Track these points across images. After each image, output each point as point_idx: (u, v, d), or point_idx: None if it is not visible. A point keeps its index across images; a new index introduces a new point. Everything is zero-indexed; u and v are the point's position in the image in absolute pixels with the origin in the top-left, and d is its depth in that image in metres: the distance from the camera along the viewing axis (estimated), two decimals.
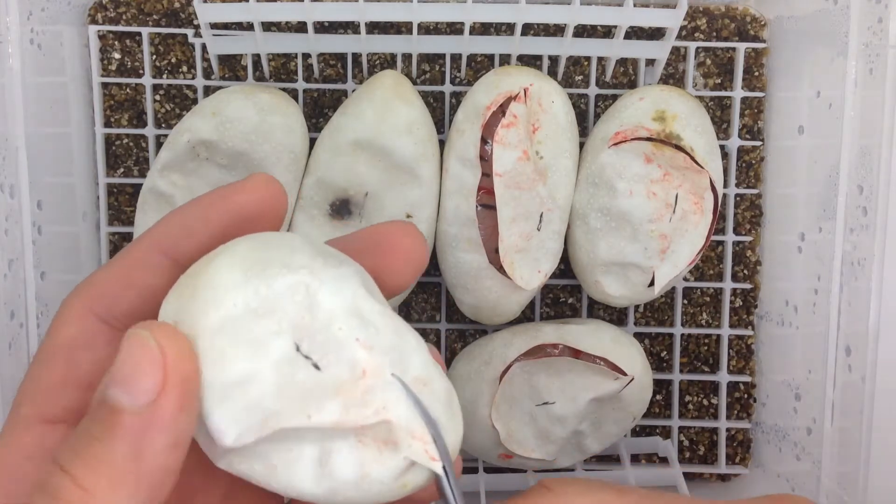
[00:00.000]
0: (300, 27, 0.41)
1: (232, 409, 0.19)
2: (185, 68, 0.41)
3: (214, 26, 0.40)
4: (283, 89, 0.41)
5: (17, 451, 0.21)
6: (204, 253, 0.21)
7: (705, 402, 0.44)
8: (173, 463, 0.18)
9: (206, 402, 0.19)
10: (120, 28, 0.41)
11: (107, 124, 0.41)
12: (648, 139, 0.37)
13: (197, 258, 0.21)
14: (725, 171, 0.42)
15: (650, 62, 0.42)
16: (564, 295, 0.44)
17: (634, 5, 0.37)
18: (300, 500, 0.20)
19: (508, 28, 0.42)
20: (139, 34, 0.41)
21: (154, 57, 0.41)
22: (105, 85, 0.41)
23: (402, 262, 0.22)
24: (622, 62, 0.42)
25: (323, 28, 0.41)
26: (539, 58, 0.42)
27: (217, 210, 0.21)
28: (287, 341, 0.19)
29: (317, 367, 0.19)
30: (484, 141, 0.37)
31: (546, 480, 0.22)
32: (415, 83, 0.42)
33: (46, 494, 0.18)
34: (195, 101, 0.41)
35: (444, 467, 0.20)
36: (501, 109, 0.37)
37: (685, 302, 0.44)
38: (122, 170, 0.42)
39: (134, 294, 0.21)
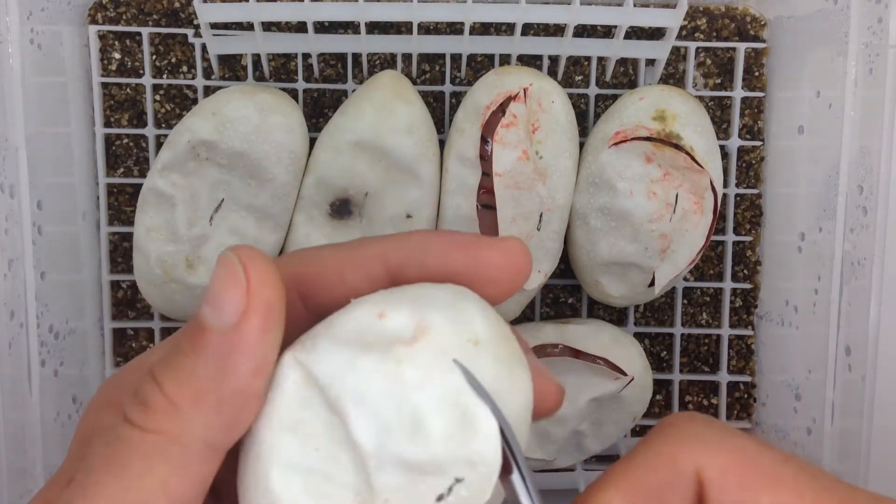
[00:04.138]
0: (300, 27, 0.41)
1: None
2: (185, 68, 0.41)
3: (214, 26, 0.40)
4: (283, 89, 0.41)
5: None
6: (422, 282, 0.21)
7: (705, 402, 0.44)
8: (256, 388, 0.19)
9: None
10: (120, 28, 0.41)
11: (107, 124, 0.41)
12: (648, 139, 0.37)
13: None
14: (725, 171, 0.42)
15: (650, 62, 0.42)
16: (564, 295, 0.44)
17: (634, 5, 0.37)
18: None
19: (508, 28, 0.42)
20: (139, 34, 0.41)
21: (154, 57, 0.41)
22: (105, 85, 0.41)
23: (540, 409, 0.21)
24: (622, 62, 0.42)
25: (323, 28, 0.41)
26: (539, 58, 0.42)
27: (462, 254, 0.21)
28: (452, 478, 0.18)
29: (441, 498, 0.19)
30: (484, 140, 0.37)
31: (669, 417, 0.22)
32: (415, 83, 0.42)
33: (137, 400, 0.19)
34: (195, 101, 0.41)
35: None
36: (501, 109, 0.37)
37: (685, 302, 0.44)
38: (122, 170, 0.42)
39: (340, 291, 0.21)
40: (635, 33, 0.41)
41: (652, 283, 0.39)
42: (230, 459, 0.21)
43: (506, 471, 0.19)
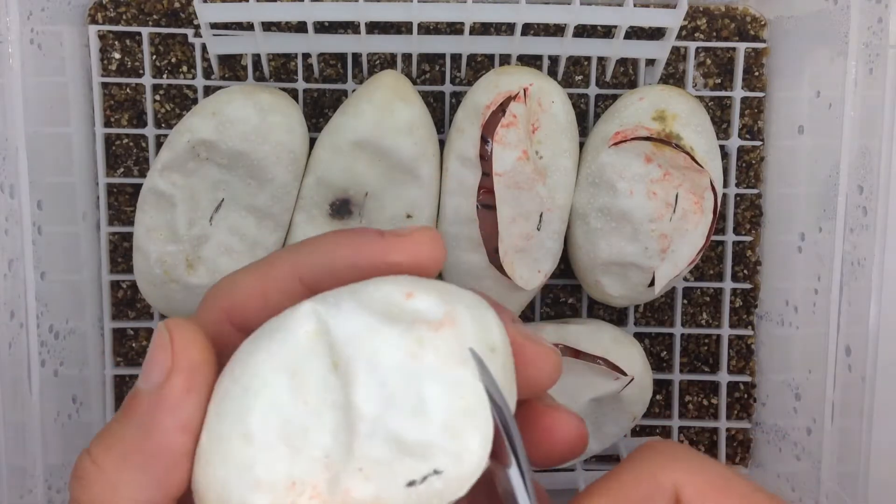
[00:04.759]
0: (300, 27, 0.41)
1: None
2: (185, 68, 0.41)
3: (214, 26, 0.40)
4: (283, 89, 0.41)
5: None
6: None
7: (705, 402, 0.44)
8: (182, 446, 0.19)
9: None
10: (120, 28, 0.41)
11: (107, 124, 0.41)
12: (648, 139, 0.37)
13: None
14: (725, 171, 0.42)
15: (650, 62, 0.42)
16: (564, 295, 0.44)
17: (634, 5, 0.37)
18: None
19: (508, 28, 0.42)
20: (139, 34, 0.41)
21: (154, 57, 0.41)
22: (105, 85, 0.41)
23: (546, 457, 0.22)
24: (622, 62, 0.42)
25: (323, 28, 0.41)
26: (539, 58, 0.42)
27: (368, 261, 0.21)
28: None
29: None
30: (484, 140, 0.37)
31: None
32: (415, 83, 0.42)
33: (74, 475, 0.20)
34: (195, 101, 0.41)
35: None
36: (501, 109, 0.37)
37: (685, 302, 0.44)
38: (122, 170, 0.42)
39: (270, 314, 0.22)
40: (635, 33, 0.41)
41: (652, 283, 0.39)
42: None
43: (503, 462, 0.19)
